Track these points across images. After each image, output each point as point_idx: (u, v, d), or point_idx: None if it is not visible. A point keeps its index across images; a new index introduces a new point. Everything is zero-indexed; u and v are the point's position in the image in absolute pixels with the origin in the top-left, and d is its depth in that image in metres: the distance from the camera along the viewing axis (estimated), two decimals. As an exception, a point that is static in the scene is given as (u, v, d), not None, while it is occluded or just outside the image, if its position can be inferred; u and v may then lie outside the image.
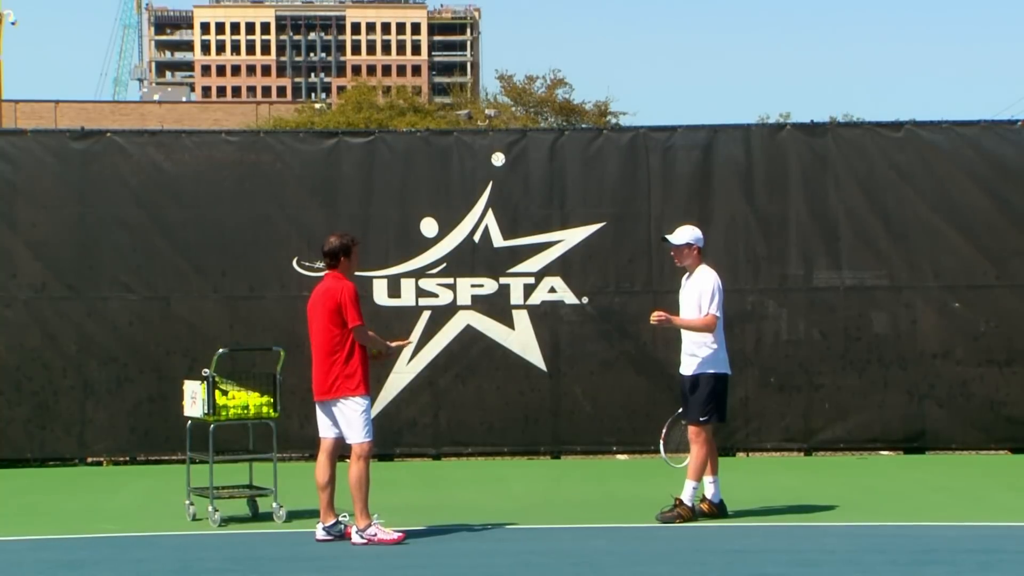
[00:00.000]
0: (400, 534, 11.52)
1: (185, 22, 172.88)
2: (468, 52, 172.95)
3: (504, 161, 17.15)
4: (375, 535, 11.45)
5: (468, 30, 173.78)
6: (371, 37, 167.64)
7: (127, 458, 16.99)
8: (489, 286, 17.00)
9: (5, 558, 11.31)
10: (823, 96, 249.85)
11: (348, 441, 11.60)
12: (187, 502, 12.89)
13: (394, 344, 12.53)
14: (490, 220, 17.01)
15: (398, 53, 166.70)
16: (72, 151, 17.02)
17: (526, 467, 16.66)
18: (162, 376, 16.60)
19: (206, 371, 12.68)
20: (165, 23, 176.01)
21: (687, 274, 12.80)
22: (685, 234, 12.75)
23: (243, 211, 16.99)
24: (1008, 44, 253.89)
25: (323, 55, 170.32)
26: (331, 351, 11.55)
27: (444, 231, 17.00)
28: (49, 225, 16.86)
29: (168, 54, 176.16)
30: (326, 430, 11.71)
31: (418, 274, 16.96)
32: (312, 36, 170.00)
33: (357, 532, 11.48)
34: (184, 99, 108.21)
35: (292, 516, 12.61)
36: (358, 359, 11.57)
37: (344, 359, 11.53)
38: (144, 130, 20.65)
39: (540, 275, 17.01)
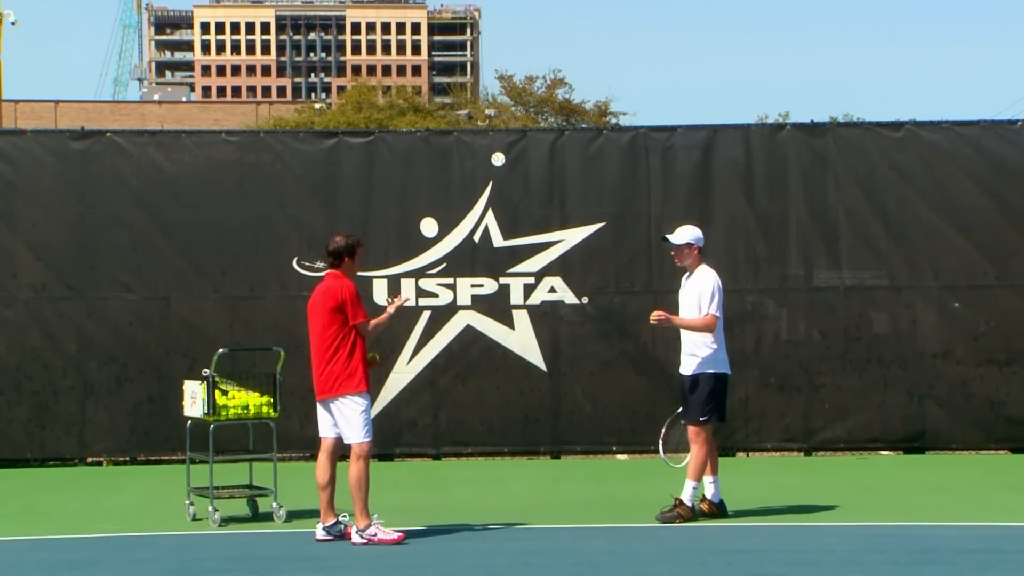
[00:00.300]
0: (400, 534, 11.51)
1: (185, 22, 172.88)
2: (468, 52, 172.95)
3: (504, 161, 17.14)
4: (375, 535, 11.45)
5: (468, 30, 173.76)
6: (371, 37, 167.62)
7: (127, 458, 16.99)
8: (489, 286, 17.00)
9: (5, 558, 11.30)
10: (823, 96, 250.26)
11: (347, 441, 11.58)
12: (187, 502, 12.88)
13: (392, 308, 12.01)
14: (490, 220, 17.01)
15: (398, 53, 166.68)
16: (72, 151, 17.02)
17: (526, 467, 16.65)
18: (162, 376, 16.60)
19: (206, 371, 12.68)
20: (165, 23, 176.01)
21: (687, 274, 12.79)
22: (685, 234, 12.74)
23: (243, 211, 16.99)
24: (1008, 44, 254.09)
25: (323, 55, 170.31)
26: (331, 350, 11.55)
27: (444, 231, 17.00)
28: (49, 225, 16.86)
29: (168, 54, 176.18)
30: (327, 430, 11.71)
31: (418, 274, 16.96)
32: (312, 36, 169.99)
33: (357, 532, 11.48)
34: (184, 99, 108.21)
35: (292, 516, 12.61)
36: (359, 358, 11.57)
37: (345, 358, 11.53)
38: (144, 130, 20.64)
39: (540, 275, 17.00)
